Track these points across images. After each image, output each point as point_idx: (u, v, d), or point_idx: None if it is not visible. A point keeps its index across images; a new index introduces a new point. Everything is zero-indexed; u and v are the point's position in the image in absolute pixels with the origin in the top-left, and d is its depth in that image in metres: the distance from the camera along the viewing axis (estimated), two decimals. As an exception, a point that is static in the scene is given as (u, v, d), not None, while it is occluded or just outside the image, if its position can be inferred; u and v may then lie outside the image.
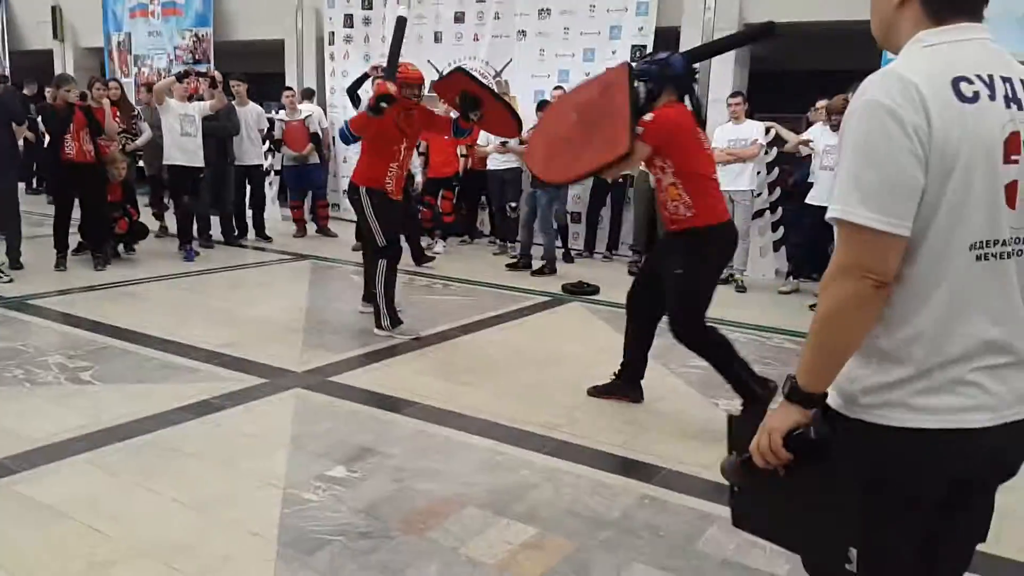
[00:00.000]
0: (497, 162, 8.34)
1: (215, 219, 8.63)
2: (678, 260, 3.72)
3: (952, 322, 1.35)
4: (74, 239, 7.34)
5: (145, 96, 9.87)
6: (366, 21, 10.40)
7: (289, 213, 9.62)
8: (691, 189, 3.64)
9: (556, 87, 8.42)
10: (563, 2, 8.90)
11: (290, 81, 11.27)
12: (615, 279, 7.42)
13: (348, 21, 10.52)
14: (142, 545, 2.67)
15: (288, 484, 3.12)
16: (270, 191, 10.13)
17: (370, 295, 5.64)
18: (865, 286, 1.33)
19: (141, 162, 9.12)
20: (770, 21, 3.84)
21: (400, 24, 5.42)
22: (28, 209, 8.34)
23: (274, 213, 10.14)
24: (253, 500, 3.00)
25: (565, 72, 8.86)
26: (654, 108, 3.67)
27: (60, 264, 7.01)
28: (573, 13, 8.84)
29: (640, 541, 2.80)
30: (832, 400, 1.45)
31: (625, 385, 4.16)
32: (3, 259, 6.70)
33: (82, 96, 6.82)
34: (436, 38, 9.83)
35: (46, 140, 7.48)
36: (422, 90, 5.44)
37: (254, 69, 9.51)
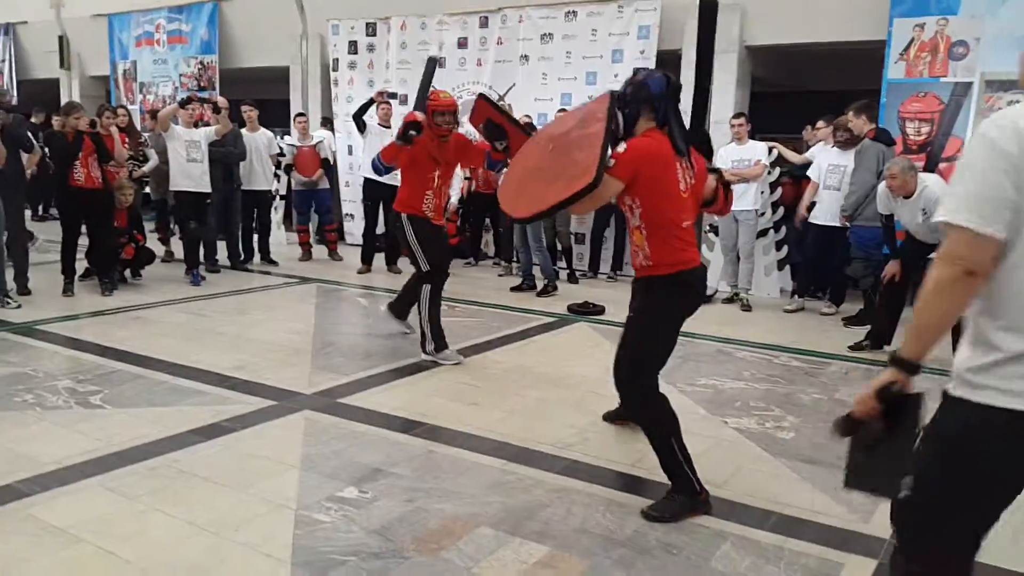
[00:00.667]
0: None
1: (221, 244, 8.68)
2: (634, 304, 3.42)
3: None
4: (81, 265, 7.39)
5: (150, 123, 9.98)
6: (370, 48, 10.51)
7: (294, 237, 9.68)
8: (653, 239, 3.18)
9: (560, 110, 8.50)
10: (565, 27, 9.01)
11: (295, 107, 11.38)
12: (620, 299, 7.40)
13: (352, 48, 10.63)
14: (156, 567, 2.67)
15: (300, 505, 3.13)
16: (275, 215, 10.20)
17: (401, 312, 5.77)
18: (957, 271, 1.65)
19: (148, 188, 9.19)
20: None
21: (430, 65, 5.51)
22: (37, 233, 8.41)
23: (279, 237, 10.20)
24: (266, 522, 3.00)
25: (568, 95, 8.95)
26: (632, 137, 3.22)
27: (67, 290, 7.04)
28: (575, 38, 8.94)
29: (654, 560, 2.80)
30: (949, 384, 1.74)
31: None
32: (11, 285, 6.74)
33: (91, 123, 6.90)
34: (440, 63, 9.91)
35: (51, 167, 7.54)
36: (456, 117, 5.33)
37: (259, 96, 9.61)
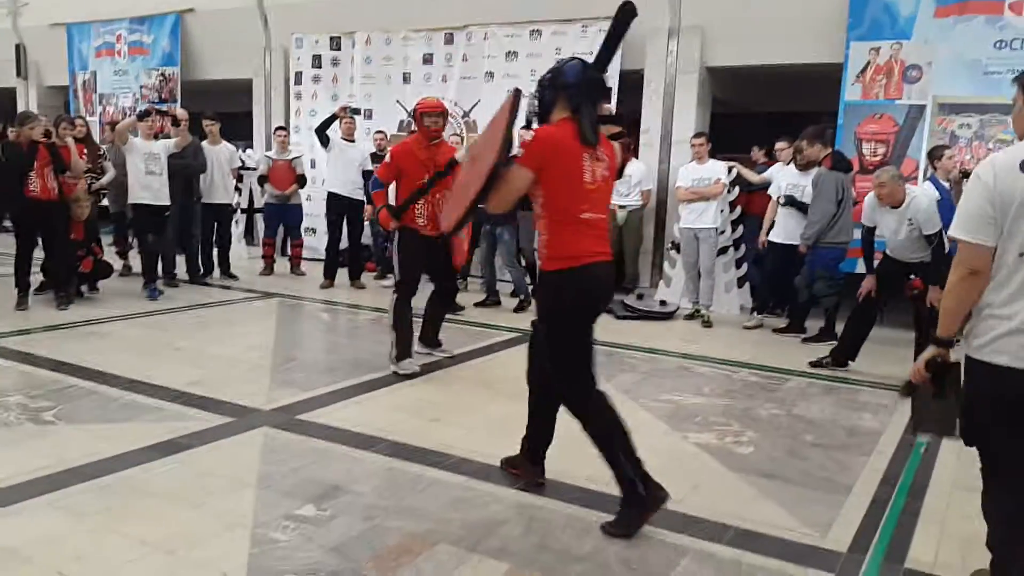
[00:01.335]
0: None
1: (180, 257, 8.56)
2: (538, 308, 3.30)
3: (1014, 303, 2.29)
4: (36, 278, 7.24)
5: (110, 135, 9.83)
6: (334, 62, 10.50)
7: (255, 251, 9.59)
8: (552, 228, 3.10)
9: (523, 127, 8.53)
10: (530, 45, 9.09)
11: (257, 120, 11.31)
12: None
13: (316, 61, 10.61)
14: (107, 587, 2.61)
15: (257, 523, 3.08)
16: (236, 229, 10.09)
17: (432, 340, 5.80)
18: (964, 272, 2.36)
19: (105, 200, 9.05)
20: (628, 1, 3.08)
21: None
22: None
23: (240, 251, 10.10)
24: (221, 540, 2.95)
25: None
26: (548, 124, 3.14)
27: (21, 303, 6.89)
28: (539, 56, 9.01)
29: (613, 575, 2.80)
30: (965, 349, 2.41)
31: (526, 460, 3.60)
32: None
33: (46, 133, 6.77)
34: (405, 79, 9.95)
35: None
36: (445, 118, 5.42)
37: (222, 108, 9.53)
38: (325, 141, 8.45)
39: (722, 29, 8.33)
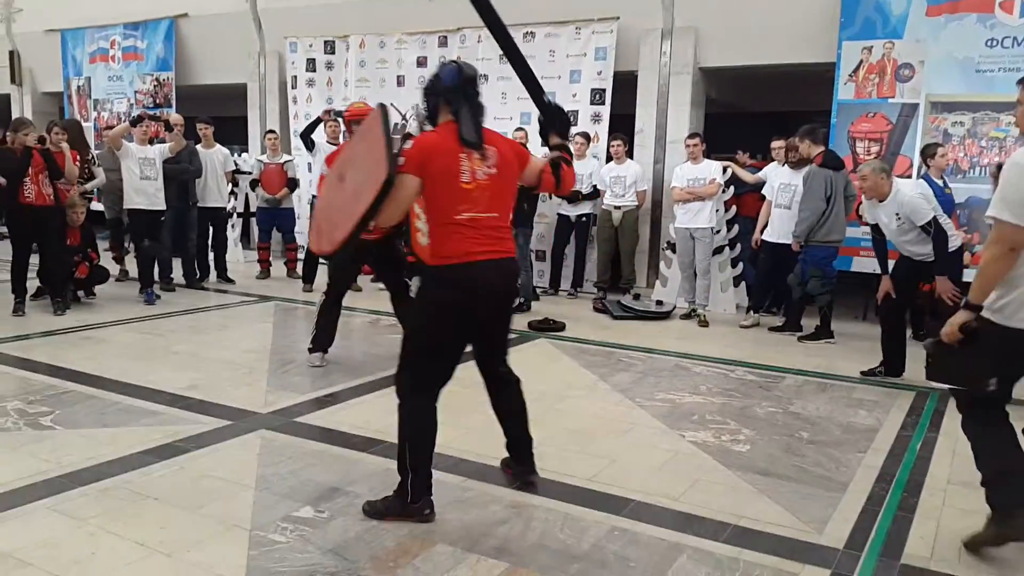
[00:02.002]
0: None
1: (176, 262, 8.56)
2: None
3: None
4: (32, 284, 7.23)
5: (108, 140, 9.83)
6: (328, 65, 10.50)
7: (251, 255, 9.59)
8: (431, 229, 3.15)
9: (517, 129, 8.57)
10: (524, 48, 8.92)
11: (252, 125, 11.31)
12: (581, 315, 7.50)
13: (310, 65, 10.61)
14: (106, 590, 2.62)
15: (255, 526, 3.09)
16: (232, 233, 10.09)
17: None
18: (1005, 248, 2.78)
19: (100, 205, 9.04)
20: None
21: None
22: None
23: (236, 255, 10.10)
24: (220, 542, 2.96)
25: (527, 115, 9.01)
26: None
27: (18, 309, 6.88)
28: (533, 58, 8.95)
29: (611, 573, 2.81)
30: (986, 314, 2.88)
31: (512, 461, 3.56)
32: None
33: (40, 140, 6.78)
34: (399, 82, 9.96)
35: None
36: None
37: (216, 113, 9.53)
38: (311, 145, 8.47)
39: (715, 30, 8.35)
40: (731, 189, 7.95)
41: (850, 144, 7.52)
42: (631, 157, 8.47)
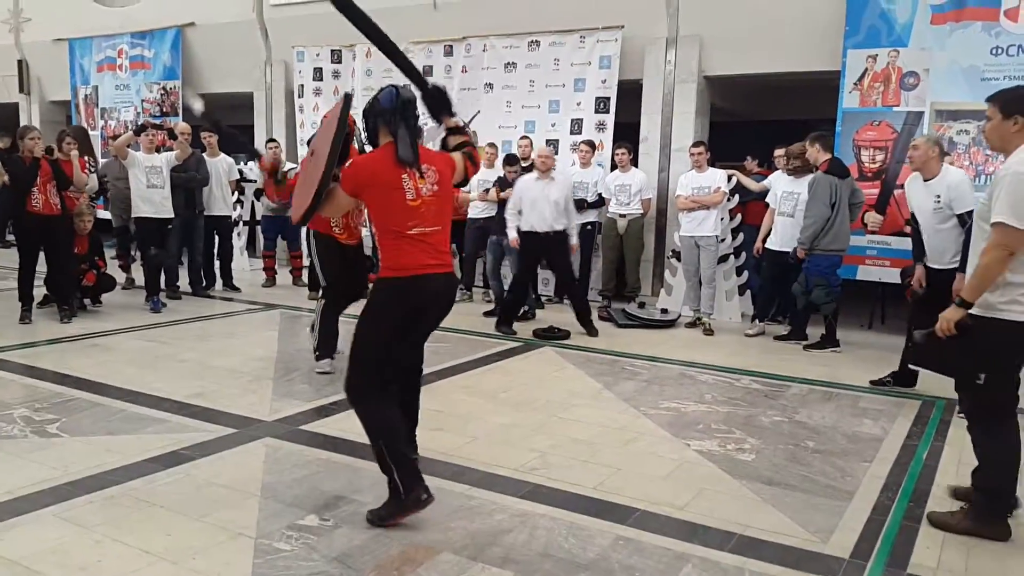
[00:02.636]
0: (476, 210, 8.33)
1: (182, 270, 8.58)
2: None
3: None
4: (39, 292, 7.27)
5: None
6: (335, 74, 10.55)
7: (257, 263, 9.61)
8: (382, 242, 3.33)
9: (522, 137, 8.59)
10: (528, 56, 9.12)
11: (259, 134, 11.35)
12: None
13: (317, 74, 10.66)
14: (112, 598, 2.62)
15: (260, 534, 3.09)
16: (238, 241, 10.12)
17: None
18: (1005, 253, 2.99)
19: (107, 213, 9.07)
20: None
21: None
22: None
23: (242, 263, 10.12)
24: (225, 551, 2.96)
25: (531, 123, 9.06)
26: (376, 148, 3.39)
27: (25, 317, 6.92)
28: (538, 67, 9.06)
29: (615, 582, 2.81)
30: (976, 311, 3.11)
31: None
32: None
33: (48, 150, 6.82)
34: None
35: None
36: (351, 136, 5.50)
37: (224, 121, 9.56)
38: None
39: (720, 38, 8.36)
40: (736, 197, 7.95)
41: (855, 152, 7.51)
42: (636, 165, 8.48)
